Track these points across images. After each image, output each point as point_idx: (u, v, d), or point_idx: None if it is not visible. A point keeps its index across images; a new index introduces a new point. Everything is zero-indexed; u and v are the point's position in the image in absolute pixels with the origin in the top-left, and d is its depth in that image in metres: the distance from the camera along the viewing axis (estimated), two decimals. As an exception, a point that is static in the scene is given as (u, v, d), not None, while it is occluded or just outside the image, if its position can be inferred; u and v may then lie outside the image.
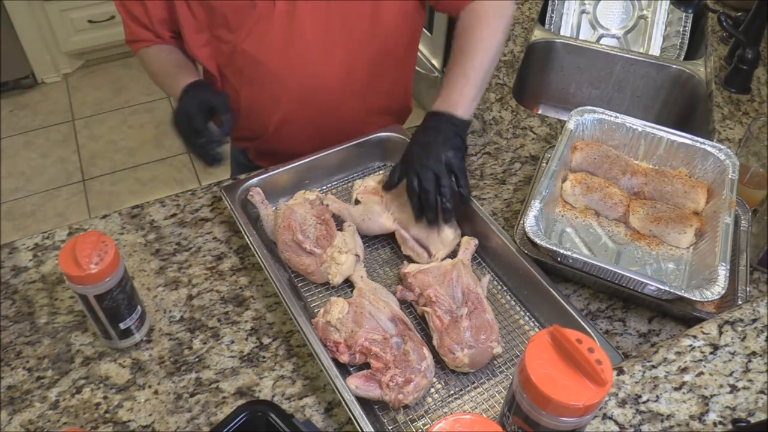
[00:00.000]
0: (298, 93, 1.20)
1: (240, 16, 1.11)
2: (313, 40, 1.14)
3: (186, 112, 1.05)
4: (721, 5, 1.68)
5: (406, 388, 0.84)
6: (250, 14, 1.10)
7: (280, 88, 1.19)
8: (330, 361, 0.86)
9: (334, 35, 1.14)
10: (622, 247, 1.07)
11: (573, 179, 1.14)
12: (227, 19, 1.12)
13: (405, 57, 1.28)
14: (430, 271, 0.98)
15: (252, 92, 1.21)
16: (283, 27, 1.11)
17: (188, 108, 1.05)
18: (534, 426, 0.66)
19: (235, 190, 1.09)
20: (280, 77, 1.17)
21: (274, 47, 1.13)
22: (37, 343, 0.96)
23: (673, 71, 1.53)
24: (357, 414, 0.80)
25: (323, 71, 1.18)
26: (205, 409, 0.88)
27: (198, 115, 1.04)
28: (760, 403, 0.77)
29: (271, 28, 1.11)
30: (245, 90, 1.21)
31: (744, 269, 1.01)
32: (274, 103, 1.22)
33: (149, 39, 1.20)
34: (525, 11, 1.69)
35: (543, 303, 0.96)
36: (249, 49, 1.14)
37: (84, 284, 0.84)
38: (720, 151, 1.11)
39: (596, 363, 0.62)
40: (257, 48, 1.14)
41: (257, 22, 1.11)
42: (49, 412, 0.88)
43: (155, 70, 1.22)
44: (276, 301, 1.01)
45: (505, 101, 1.41)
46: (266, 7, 1.09)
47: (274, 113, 1.23)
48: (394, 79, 1.29)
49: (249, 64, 1.16)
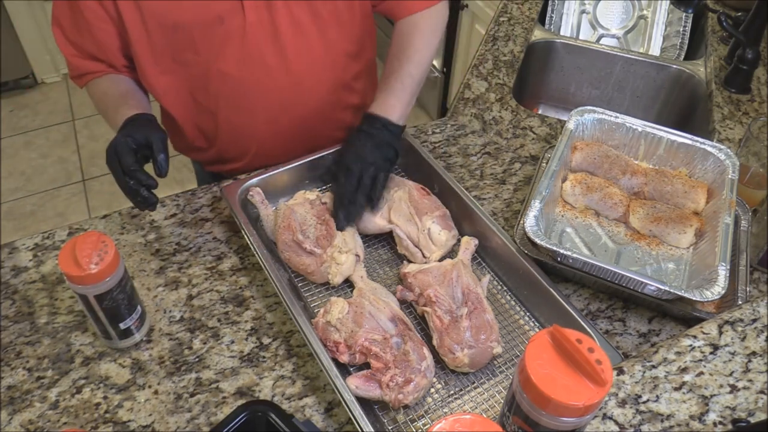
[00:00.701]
0: (283, 105, 1.17)
1: (207, 34, 1.06)
2: (293, 48, 1.11)
3: (116, 150, 0.95)
4: (721, 5, 1.68)
5: (406, 388, 0.84)
6: (218, 32, 1.06)
7: (262, 105, 1.16)
8: (330, 361, 0.86)
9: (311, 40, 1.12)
10: (622, 247, 1.07)
11: (573, 179, 1.14)
12: (193, 40, 1.06)
13: (372, 52, 1.29)
14: (430, 271, 0.98)
15: (231, 114, 1.17)
16: (258, 41, 1.08)
17: (119, 146, 0.95)
18: (534, 426, 0.66)
19: (235, 190, 1.09)
20: (263, 93, 1.14)
21: (253, 63, 1.10)
22: (37, 343, 0.96)
23: (673, 71, 1.53)
24: (357, 414, 0.80)
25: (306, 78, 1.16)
26: (205, 409, 0.88)
27: (128, 154, 0.95)
28: (760, 403, 0.77)
29: (246, 44, 1.07)
30: (223, 113, 1.17)
31: (744, 269, 1.01)
32: (256, 122, 1.18)
33: (100, 70, 1.13)
34: (525, 11, 1.69)
35: (543, 303, 0.96)
36: (225, 68, 1.09)
37: (84, 284, 0.84)
38: (720, 151, 1.11)
39: (596, 363, 0.62)
40: (234, 66, 1.10)
41: (228, 39, 1.07)
42: (49, 412, 0.88)
43: (102, 104, 1.14)
44: (276, 301, 1.01)
45: (505, 101, 1.41)
46: (236, 22, 1.05)
47: (256, 133, 1.20)
48: (367, 77, 1.29)
49: (227, 84, 1.12)
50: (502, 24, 1.65)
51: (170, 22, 1.04)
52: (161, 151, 0.96)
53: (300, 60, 1.13)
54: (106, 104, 1.12)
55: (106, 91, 1.13)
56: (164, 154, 0.96)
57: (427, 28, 1.17)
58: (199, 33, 1.06)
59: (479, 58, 1.53)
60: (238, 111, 1.17)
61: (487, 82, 1.46)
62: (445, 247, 1.04)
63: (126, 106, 1.07)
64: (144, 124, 1.01)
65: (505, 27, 1.64)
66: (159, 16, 1.04)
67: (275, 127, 1.21)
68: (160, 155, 0.96)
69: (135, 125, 1.01)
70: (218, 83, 1.12)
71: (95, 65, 1.12)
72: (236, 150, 1.25)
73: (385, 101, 1.09)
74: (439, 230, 1.05)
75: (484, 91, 1.44)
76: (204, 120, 1.21)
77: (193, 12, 1.03)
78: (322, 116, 1.23)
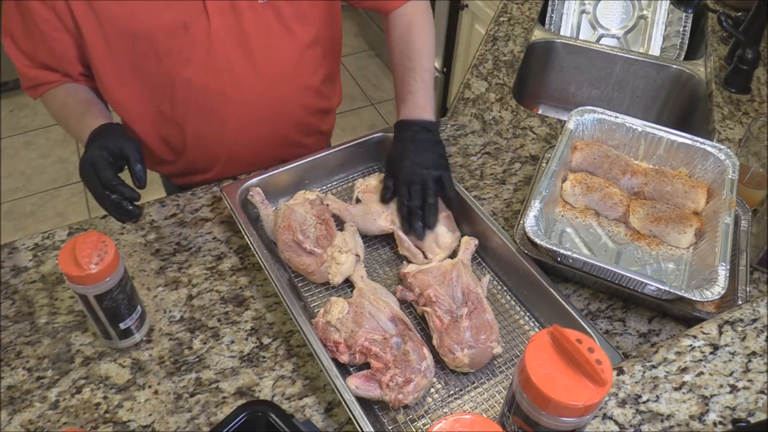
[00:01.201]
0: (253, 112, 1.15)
1: (171, 42, 1.02)
2: (261, 52, 1.08)
3: (93, 164, 0.92)
4: (721, 5, 1.68)
5: (406, 388, 0.84)
6: (182, 40, 1.02)
7: (232, 112, 1.13)
8: (330, 361, 0.86)
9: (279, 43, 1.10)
10: (622, 247, 1.07)
11: (573, 179, 1.14)
12: (155, 48, 1.02)
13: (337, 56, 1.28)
14: (430, 271, 0.98)
15: (199, 124, 1.14)
16: (225, 47, 1.05)
17: (96, 160, 0.92)
18: (534, 426, 0.66)
19: (235, 190, 1.09)
20: (232, 100, 1.11)
21: (220, 70, 1.07)
22: (37, 343, 0.96)
23: (673, 71, 1.53)
24: (357, 414, 0.80)
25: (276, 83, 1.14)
26: (205, 409, 0.88)
27: (107, 169, 0.92)
28: (760, 403, 0.77)
29: (213, 50, 1.04)
30: (191, 123, 1.13)
31: (744, 269, 1.01)
32: (226, 130, 1.16)
33: (55, 80, 1.09)
34: (525, 11, 1.69)
35: (543, 303, 0.96)
36: (191, 77, 1.06)
37: (84, 284, 0.84)
38: (720, 151, 1.11)
39: (596, 363, 0.62)
40: (201, 74, 1.06)
41: (193, 46, 1.03)
42: (49, 412, 0.88)
43: (62, 114, 1.10)
44: (276, 301, 1.01)
45: (505, 101, 1.41)
46: (201, 28, 1.01)
47: (225, 142, 1.18)
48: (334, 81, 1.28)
49: (194, 93, 1.08)
50: (502, 24, 1.65)
51: (130, 30, 1.00)
52: (138, 162, 0.94)
53: (269, 64, 1.11)
54: (67, 115, 1.09)
55: (65, 101, 1.09)
56: (141, 165, 0.94)
57: (421, 18, 1.16)
58: (162, 41, 1.01)
59: (479, 58, 1.53)
60: (206, 120, 1.13)
61: (487, 82, 1.46)
62: (449, 249, 1.05)
63: (89, 115, 1.04)
64: (115, 135, 0.97)
65: (505, 27, 1.64)
66: (118, 24, 0.99)
67: (246, 134, 1.18)
68: (137, 165, 0.93)
69: (106, 136, 0.97)
70: (184, 93, 1.08)
71: (50, 75, 1.08)
72: (205, 161, 1.22)
73: (414, 103, 1.09)
74: (444, 232, 1.05)
75: (484, 91, 1.44)
76: (170, 132, 1.17)
77: (155, 19, 0.99)
78: (293, 121, 1.21)
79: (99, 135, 0.98)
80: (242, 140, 1.19)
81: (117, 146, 0.94)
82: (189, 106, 1.11)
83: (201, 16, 1.01)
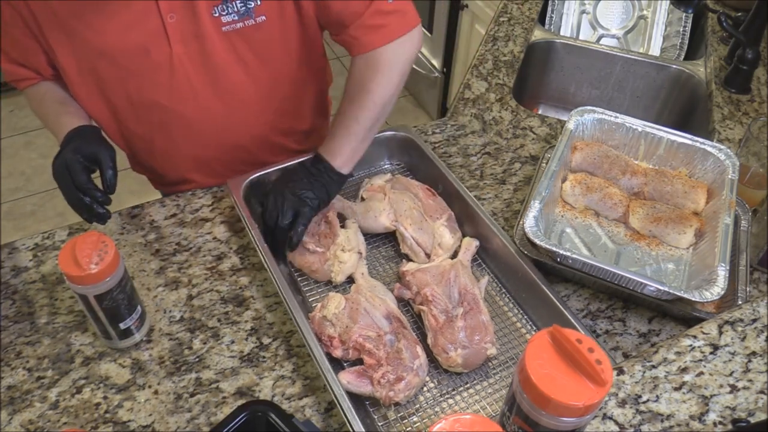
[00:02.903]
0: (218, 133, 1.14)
1: (134, 64, 1.02)
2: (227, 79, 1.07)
3: (68, 166, 0.94)
4: (721, 5, 1.68)
5: (397, 385, 0.85)
6: (144, 62, 1.02)
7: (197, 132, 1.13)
8: (323, 355, 0.86)
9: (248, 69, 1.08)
10: (621, 247, 1.07)
11: (573, 179, 1.14)
12: (119, 69, 1.02)
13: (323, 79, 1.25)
14: (428, 270, 0.98)
15: (165, 142, 1.15)
16: (187, 72, 1.04)
17: (70, 163, 0.94)
18: (534, 426, 0.66)
19: (239, 184, 1.09)
20: (196, 122, 1.11)
21: (183, 93, 1.06)
22: (37, 343, 0.96)
23: (673, 71, 1.53)
24: (346, 407, 0.80)
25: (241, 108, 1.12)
26: (205, 409, 0.88)
27: (81, 173, 0.94)
28: (760, 403, 0.77)
29: (175, 74, 1.04)
30: (158, 140, 1.14)
31: (744, 269, 1.01)
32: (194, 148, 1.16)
33: (31, 77, 1.09)
34: (525, 11, 1.69)
35: (541, 306, 0.96)
36: (155, 98, 1.06)
37: (84, 284, 0.84)
38: (720, 151, 1.11)
39: (596, 363, 0.62)
40: (164, 96, 1.06)
41: (156, 69, 1.03)
42: (49, 412, 0.88)
43: (41, 111, 1.11)
44: (276, 301, 1.01)
45: (505, 101, 1.41)
46: (163, 53, 1.01)
47: (194, 159, 1.19)
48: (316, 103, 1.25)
49: (158, 113, 1.09)
50: (502, 24, 1.65)
51: (96, 49, 1.00)
52: (109, 168, 0.95)
53: (234, 90, 1.09)
54: (45, 112, 1.10)
55: (43, 98, 1.10)
56: (112, 171, 0.96)
57: (384, 64, 1.04)
58: (126, 62, 1.02)
59: (479, 58, 1.53)
60: (171, 138, 1.14)
61: (487, 82, 1.46)
62: (450, 250, 1.05)
63: (66, 114, 1.06)
64: (92, 139, 0.99)
65: (505, 27, 1.64)
66: (85, 42, 1.00)
67: (213, 152, 1.18)
68: (108, 172, 0.95)
69: (82, 139, 0.99)
70: (148, 113, 1.09)
71: (25, 72, 1.09)
72: (176, 174, 1.23)
73: (330, 144, 1.06)
74: (448, 235, 1.05)
75: (484, 91, 1.44)
76: (138, 146, 1.18)
77: (117, 41, 0.99)
78: (262, 142, 1.20)
79: (75, 137, 1.00)
80: (210, 158, 1.19)
81: (91, 151, 0.96)
82: (153, 125, 1.12)
83: (162, 40, 1.00)
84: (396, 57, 1.05)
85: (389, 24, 1.02)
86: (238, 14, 1.00)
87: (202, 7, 0.98)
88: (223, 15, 0.99)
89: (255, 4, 1.00)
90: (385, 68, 1.04)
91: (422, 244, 1.04)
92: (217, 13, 0.99)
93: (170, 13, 0.98)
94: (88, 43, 1.00)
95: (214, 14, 0.99)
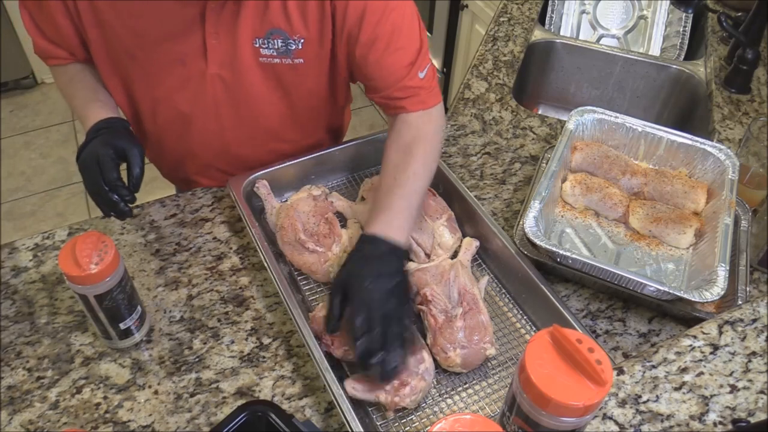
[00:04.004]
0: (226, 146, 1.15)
1: (166, 71, 1.04)
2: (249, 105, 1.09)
3: (99, 160, 0.93)
4: (721, 5, 1.68)
5: (402, 390, 0.84)
6: (177, 70, 1.03)
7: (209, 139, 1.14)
8: (323, 355, 0.86)
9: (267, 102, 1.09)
10: (621, 247, 1.07)
11: (573, 179, 1.14)
12: (149, 74, 1.04)
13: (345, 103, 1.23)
14: (428, 270, 0.98)
15: (181, 148, 1.17)
16: (217, 89, 1.05)
17: (102, 157, 0.93)
18: (534, 426, 0.66)
19: (240, 182, 1.10)
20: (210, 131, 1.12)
21: (206, 106, 1.08)
22: (37, 343, 0.96)
23: (673, 71, 1.53)
24: (345, 407, 0.80)
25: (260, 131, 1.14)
26: (205, 409, 0.88)
27: (113, 169, 0.93)
28: (760, 403, 0.77)
29: (205, 89, 1.05)
30: (168, 141, 1.16)
31: (744, 269, 1.01)
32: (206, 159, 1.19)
33: (63, 57, 1.09)
34: (525, 11, 1.69)
35: (541, 306, 0.96)
36: (179, 105, 1.08)
37: (84, 284, 0.84)
38: (720, 151, 1.11)
39: (596, 363, 0.62)
40: (186, 105, 1.08)
41: (188, 80, 1.04)
42: (49, 412, 0.88)
43: (68, 91, 1.11)
44: (276, 301, 1.01)
45: (505, 101, 1.41)
46: (197, 69, 1.03)
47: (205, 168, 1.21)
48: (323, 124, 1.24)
49: (179, 120, 1.10)
50: (502, 24, 1.65)
51: (130, 52, 1.02)
52: (138, 167, 0.95)
53: (256, 116, 1.11)
54: (73, 93, 1.10)
55: (73, 79, 1.11)
56: (140, 170, 0.95)
57: (430, 136, 1.03)
58: (157, 68, 1.03)
59: (479, 58, 1.53)
60: (182, 144, 1.16)
61: (487, 82, 1.46)
62: (450, 250, 1.05)
63: (96, 101, 1.06)
64: (123, 135, 0.99)
65: (505, 27, 1.64)
66: (121, 42, 1.01)
67: (220, 161, 1.19)
68: (136, 170, 0.94)
69: (113, 133, 0.98)
70: (166, 116, 1.11)
71: (58, 51, 1.09)
72: (178, 174, 1.26)
73: (390, 222, 0.93)
74: (448, 235, 1.05)
75: (484, 91, 1.44)
76: (148, 143, 1.20)
77: (156, 48, 1.01)
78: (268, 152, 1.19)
79: (105, 129, 0.99)
80: (216, 165, 1.20)
81: (122, 147, 0.95)
82: (168, 128, 1.13)
83: (199, 57, 1.02)
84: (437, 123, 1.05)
85: (420, 94, 1.03)
86: (278, 51, 1.02)
87: (245, 35, 0.99)
88: (263, 48, 1.01)
89: (296, 47, 1.02)
90: (432, 139, 1.03)
91: (422, 244, 1.04)
92: (258, 44, 1.01)
93: (214, 34, 0.99)
94: (123, 43, 1.01)
95: (255, 44, 1.01)
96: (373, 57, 1.00)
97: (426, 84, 1.04)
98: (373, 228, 0.93)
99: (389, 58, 1.00)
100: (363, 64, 1.02)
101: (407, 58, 1.01)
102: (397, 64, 1.01)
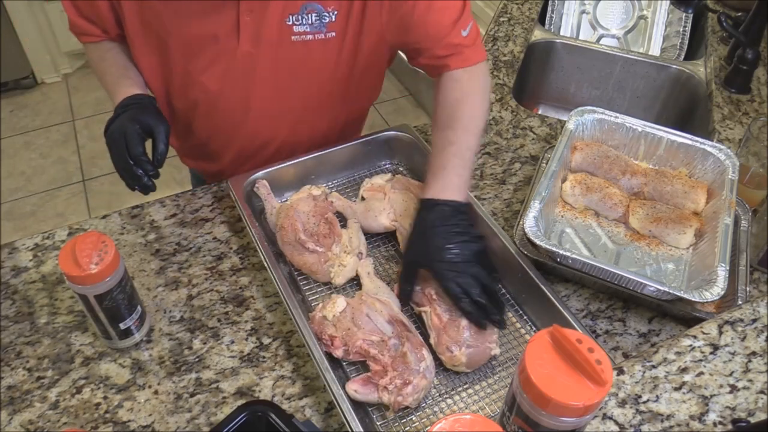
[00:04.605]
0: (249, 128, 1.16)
1: (198, 46, 1.05)
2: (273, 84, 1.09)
3: (126, 134, 0.97)
4: (721, 5, 1.68)
5: (405, 389, 0.84)
6: (210, 47, 1.04)
7: (235, 125, 1.15)
8: (323, 355, 0.86)
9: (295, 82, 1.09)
10: (621, 247, 1.07)
11: (573, 179, 1.14)
12: (183, 50, 1.06)
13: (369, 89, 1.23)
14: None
15: (207, 125, 1.18)
16: (246, 68, 1.06)
17: (129, 132, 0.97)
18: (534, 426, 0.66)
19: (241, 182, 1.10)
20: (240, 111, 1.13)
21: (236, 85, 1.09)
22: (37, 343, 0.96)
23: (673, 71, 1.53)
24: (345, 408, 0.80)
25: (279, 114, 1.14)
26: (205, 409, 0.88)
27: (138, 144, 0.96)
28: (760, 403, 0.77)
29: (235, 66, 1.06)
30: (200, 122, 1.17)
31: (744, 269, 1.01)
32: (230, 138, 1.19)
33: (96, 34, 1.12)
34: (525, 11, 1.69)
35: (541, 306, 0.96)
36: (207, 83, 1.09)
37: (84, 284, 0.84)
38: (720, 151, 1.11)
39: (596, 363, 0.62)
40: (216, 83, 1.08)
41: (218, 57, 1.05)
42: (49, 412, 0.88)
43: (100, 67, 1.15)
44: (276, 301, 1.01)
45: (505, 101, 1.41)
46: (229, 47, 1.03)
47: (229, 148, 1.21)
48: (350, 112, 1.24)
49: (206, 97, 1.11)
50: (502, 24, 1.65)
51: (166, 27, 1.03)
52: (163, 143, 0.98)
53: (283, 98, 1.11)
54: (104, 69, 1.13)
55: (105, 56, 1.14)
56: (164, 146, 0.98)
57: (477, 91, 1.05)
58: (192, 43, 1.05)
59: (479, 58, 1.53)
60: (206, 121, 1.17)
61: (487, 82, 1.46)
62: None
63: (126, 78, 1.09)
64: (150, 111, 1.02)
65: (505, 27, 1.64)
66: (159, 18, 1.03)
67: (240, 143, 1.19)
68: (161, 146, 0.98)
69: (140, 109, 1.01)
70: (194, 92, 1.11)
71: (92, 28, 1.11)
72: (199, 152, 1.26)
73: (447, 182, 0.96)
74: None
75: (484, 91, 1.44)
76: (174, 118, 1.20)
77: (191, 23, 1.02)
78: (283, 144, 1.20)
79: (133, 105, 1.02)
80: (235, 147, 1.21)
81: (149, 124, 0.98)
82: (195, 104, 1.14)
83: (232, 34, 1.02)
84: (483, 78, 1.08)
85: (464, 52, 1.06)
86: (311, 26, 1.02)
87: (277, 13, 1.00)
88: (296, 25, 1.02)
89: (329, 20, 1.02)
90: (479, 94, 1.06)
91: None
92: (291, 22, 1.01)
93: (248, 11, 1.00)
94: (160, 17, 1.03)
95: (287, 22, 1.01)
96: (418, 15, 1.02)
97: (469, 42, 1.06)
98: (430, 192, 0.96)
99: (434, 15, 1.02)
100: (407, 25, 1.03)
101: (451, 15, 1.03)
102: (441, 22, 1.03)
